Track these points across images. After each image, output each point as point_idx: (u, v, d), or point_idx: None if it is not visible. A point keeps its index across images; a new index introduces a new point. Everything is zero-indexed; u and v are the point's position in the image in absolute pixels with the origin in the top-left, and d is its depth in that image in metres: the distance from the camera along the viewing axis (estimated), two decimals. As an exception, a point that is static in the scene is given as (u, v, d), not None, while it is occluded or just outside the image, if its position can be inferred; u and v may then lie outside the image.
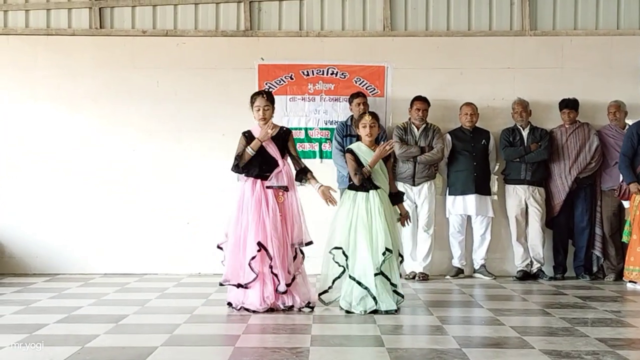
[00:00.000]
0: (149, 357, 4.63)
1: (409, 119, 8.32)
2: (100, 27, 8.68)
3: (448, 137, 8.34)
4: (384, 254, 6.00)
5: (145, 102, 8.57)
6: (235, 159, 6.31)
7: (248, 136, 6.36)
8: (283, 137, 6.38)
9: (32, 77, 8.56)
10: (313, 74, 8.61)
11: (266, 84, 8.51)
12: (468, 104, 8.31)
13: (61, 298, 6.90)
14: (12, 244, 8.53)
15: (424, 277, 8.09)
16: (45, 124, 8.55)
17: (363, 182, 6.20)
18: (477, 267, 8.35)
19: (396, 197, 6.43)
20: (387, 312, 5.97)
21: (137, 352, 4.78)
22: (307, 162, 6.84)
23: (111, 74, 8.58)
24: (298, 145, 7.45)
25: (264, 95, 6.34)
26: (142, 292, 7.27)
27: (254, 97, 6.39)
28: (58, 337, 5.19)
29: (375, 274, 5.99)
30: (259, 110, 6.29)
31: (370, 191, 6.21)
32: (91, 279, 8.10)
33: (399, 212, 6.45)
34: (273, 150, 6.29)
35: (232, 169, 6.35)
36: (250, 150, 6.23)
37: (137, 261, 8.49)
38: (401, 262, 6.39)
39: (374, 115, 6.37)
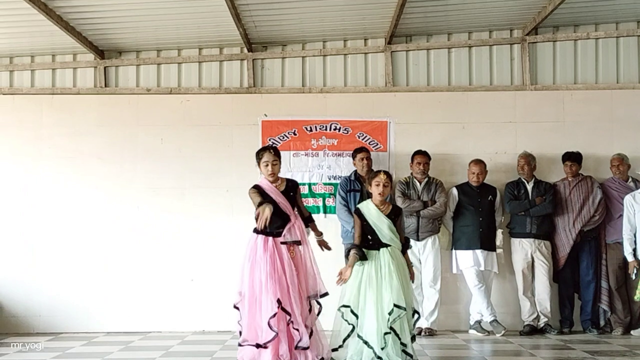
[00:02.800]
0: (155, 419, 4.58)
1: (411, 173, 8.36)
2: (105, 86, 8.77)
3: (454, 191, 8.35)
4: (390, 312, 5.92)
5: (150, 159, 8.61)
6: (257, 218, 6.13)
7: (259, 189, 6.25)
8: (292, 190, 6.37)
9: (38, 135, 8.62)
10: (316, 130, 8.67)
11: (270, 139, 8.56)
12: (477, 163, 8.30)
13: (65, 358, 6.83)
14: (14, 303, 8.47)
15: (431, 332, 8.01)
16: (49, 182, 8.58)
17: (370, 243, 6.16)
18: (472, 322, 8.26)
19: (402, 246, 6.37)
20: (395, 372, 5.88)
21: (143, 414, 4.72)
22: (311, 218, 6.85)
23: (116, 132, 8.64)
24: (302, 200, 7.39)
25: (271, 151, 6.32)
26: (146, 350, 7.21)
27: (260, 152, 6.35)
28: (63, 399, 5.13)
29: (386, 333, 5.91)
30: (267, 165, 6.25)
31: (381, 249, 6.16)
32: (95, 337, 8.03)
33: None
34: (284, 205, 6.24)
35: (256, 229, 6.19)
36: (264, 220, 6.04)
37: (141, 319, 8.43)
38: (417, 319, 6.29)
39: (389, 176, 6.31)
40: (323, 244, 6.61)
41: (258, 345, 6.01)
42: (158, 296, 8.46)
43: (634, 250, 7.75)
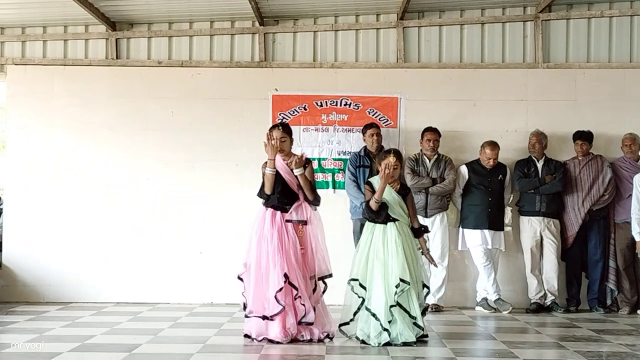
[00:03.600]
0: (162, 387, 4.63)
1: (421, 150, 8.35)
2: (117, 58, 8.78)
3: (464, 169, 8.32)
4: (397, 285, 5.97)
5: (160, 131, 8.63)
6: (261, 187, 6.29)
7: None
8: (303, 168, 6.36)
9: (49, 106, 8.64)
10: (327, 105, 8.66)
11: (280, 114, 8.56)
12: (493, 147, 8.16)
13: (74, 327, 6.91)
14: (26, 272, 8.55)
15: (438, 308, 8.04)
16: (61, 153, 8.62)
17: (379, 213, 6.17)
18: (478, 299, 8.29)
19: (417, 231, 6.37)
20: (405, 344, 5.91)
21: (151, 381, 4.79)
22: (320, 193, 6.83)
23: (127, 104, 8.66)
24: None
25: (280, 127, 6.30)
26: (155, 321, 7.27)
27: (271, 130, 6.34)
28: (72, 366, 5.20)
29: (392, 306, 5.96)
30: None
31: (388, 223, 6.17)
32: (104, 307, 8.11)
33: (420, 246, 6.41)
34: (292, 182, 6.24)
35: (258, 195, 6.30)
36: (269, 170, 6.15)
37: (150, 290, 8.50)
38: (427, 293, 6.34)
39: (399, 157, 6.27)
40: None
41: (264, 317, 6.06)
42: (167, 268, 8.52)
43: None
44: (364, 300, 6.08)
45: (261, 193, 6.28)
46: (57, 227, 8.57)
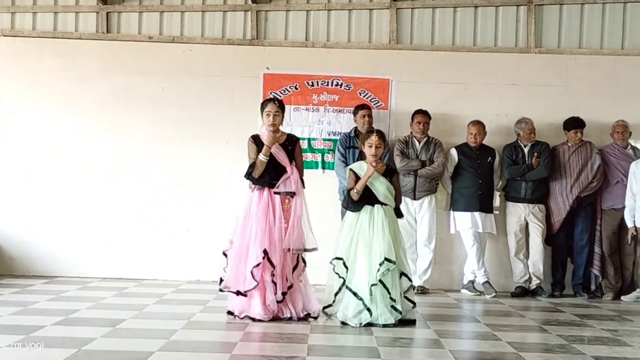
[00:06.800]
0: (145, 362, 4.64)
1: (411, 132, 8.34)
2: (107, 32, 8.71)
3: (454, 152, 8.32)
4: (381, 264, 5.95)
5: (150, 107, 8.58)
6: (249, 167, 6.28)
7: (256, 140, 6.34)
8: (291, 144, 6.38)
9: (38, 79, 8.58)
10: (318, 85, 8.63)
11: (271, 93, 8.52)
12: (475, 124, 8.26)
13: (59, 301, 6.90)
14: (12, 246, 8.53)
15: (423, 290, 8.07)
16: (48, 127, 8.57)
17: (359, 204, 6.15)
18: (465, 282, 8.32)
19: (397, 211, 6.38)
20: (385, 326, 5.93)
21: (134, 356, 4.80)
22: (310, 173, 6.83)
23: (116, 79, 8.60)
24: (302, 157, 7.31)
25: (275, 102, 6.36)
26: (140, 297, 7.27)
27: (265, 103, 6.42)
28: (55, 339, 5.20)
29: (374, 284, 5.95)
30: (269, 115, 6.28)
31: (376, 205, 6.17)
32: (90, 282, 8.10)
33: None
34: (282, 156, 6.27)
35: (245, 176, 6.30)
36: (263, 157, 6.18)
37: (136, 266, 8.49)
38: (410, 286, 6.22)
39: (381, 135, 6.28)
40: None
41: (239, 293, 6.09)
42: (154, 244, 8.51)
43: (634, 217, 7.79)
44: (344, 280, 6.08)
45: (250, 176, 6.26)
46: (43, 202, 8.54)
